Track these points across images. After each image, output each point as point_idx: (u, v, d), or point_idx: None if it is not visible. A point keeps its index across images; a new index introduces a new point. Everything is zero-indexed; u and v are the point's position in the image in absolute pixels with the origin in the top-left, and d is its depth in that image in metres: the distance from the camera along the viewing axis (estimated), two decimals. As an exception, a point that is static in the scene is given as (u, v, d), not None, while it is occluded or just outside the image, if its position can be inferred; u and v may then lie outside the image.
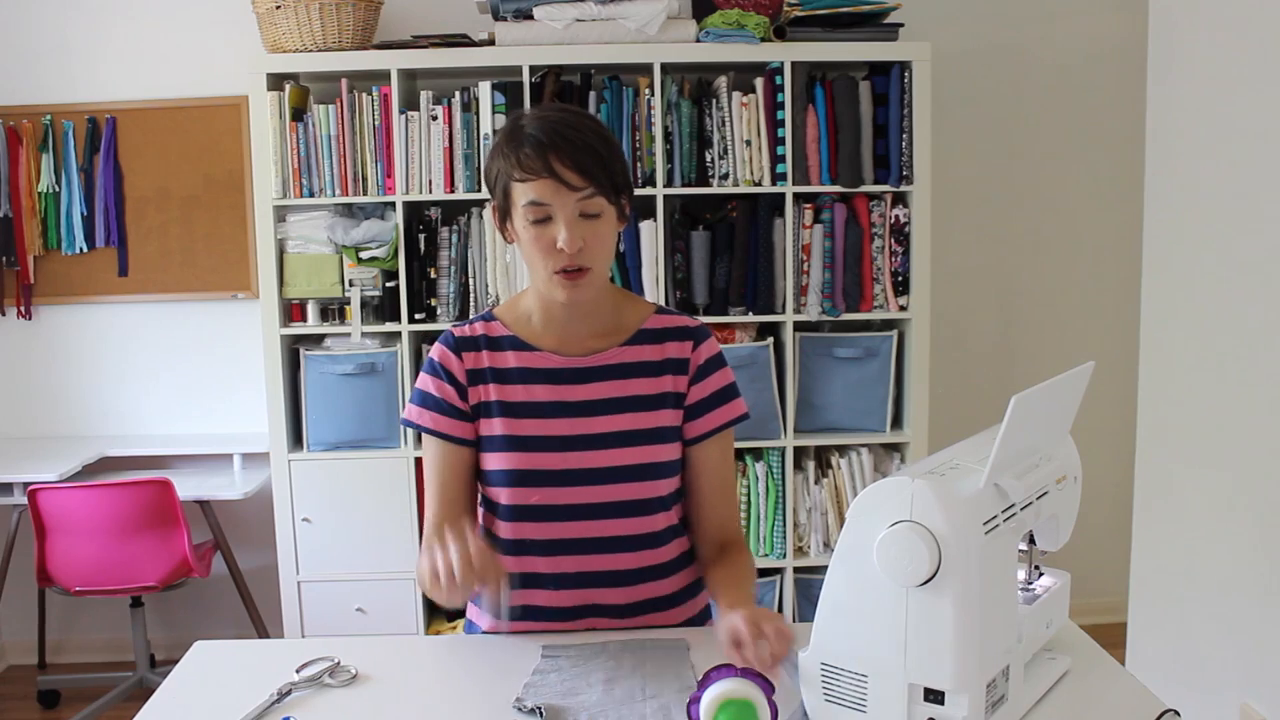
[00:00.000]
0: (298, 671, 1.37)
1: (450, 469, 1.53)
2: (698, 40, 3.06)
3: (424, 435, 1.55)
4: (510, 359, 1.53)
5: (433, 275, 3.13)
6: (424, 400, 1.54)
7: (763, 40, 3.04)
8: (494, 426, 1.51)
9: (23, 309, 3.52)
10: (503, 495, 1.52)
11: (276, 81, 3.07)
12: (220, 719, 1.26)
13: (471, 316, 1.64)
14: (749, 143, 3.07)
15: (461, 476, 1.54)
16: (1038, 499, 1.23)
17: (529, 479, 1.49)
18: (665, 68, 3.04)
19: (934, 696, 1.11)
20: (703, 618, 1.62)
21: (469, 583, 1.25)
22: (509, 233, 1.49)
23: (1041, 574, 1.38)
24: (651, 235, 3.06)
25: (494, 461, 1.51)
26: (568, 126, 1.42)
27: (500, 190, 1.47)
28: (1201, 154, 2.54)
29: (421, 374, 1.56)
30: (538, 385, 1.52)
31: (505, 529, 1.53)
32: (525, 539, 1.52)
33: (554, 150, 1.40)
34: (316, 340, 3.22)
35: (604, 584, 1.52)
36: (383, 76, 3.05)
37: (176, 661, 1.46)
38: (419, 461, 3.16)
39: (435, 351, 1.55)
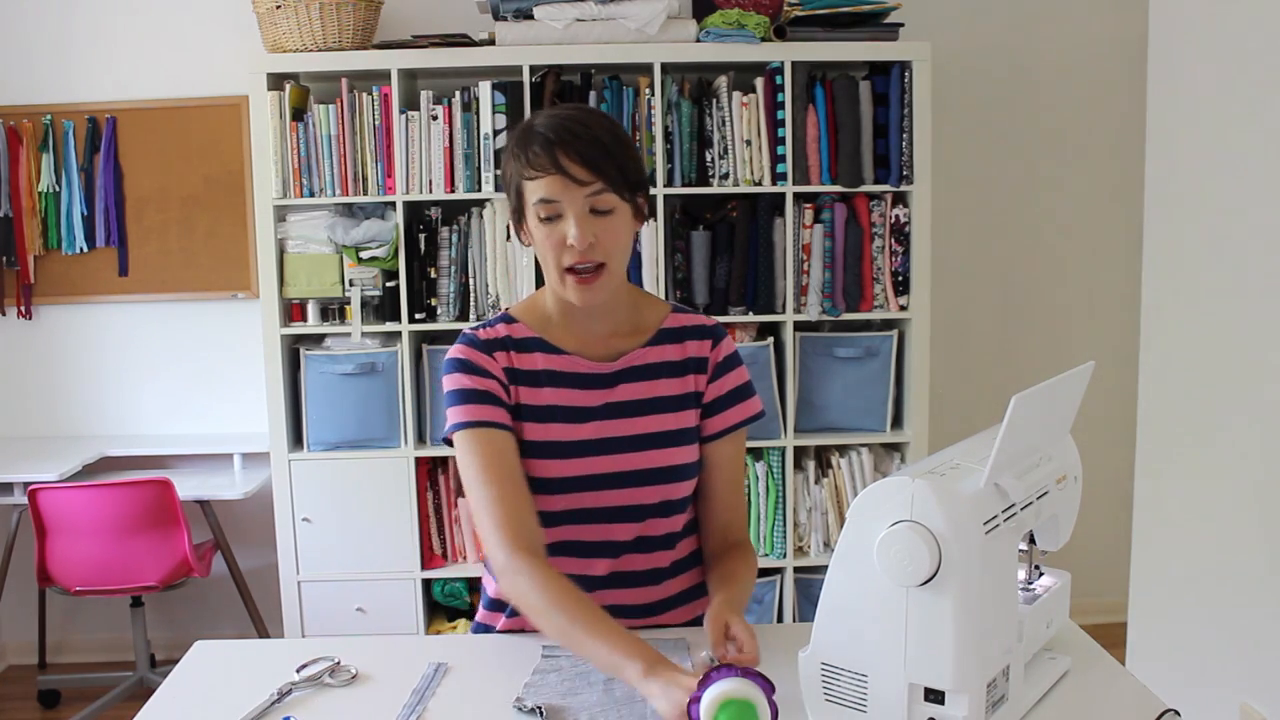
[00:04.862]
0: (298, 671, 1.37)
1: (514, 457, 1.43)
2: (698, 40, 3.06)
3: (475, 433, 1.43)
4: (538, 361, 1.51)
5: (433, 275, 3.13)
6: (468, 397, 1.45)
7: (763, 40, 3.04)
8: (522, 430, 1.48)
9: (23, 309, 3.52)
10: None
11: (277, 81, 3.07)
12: (220, 719, 1.26)
13: (486, 319, 1.57)
14: (749, 143, 3.07)
15: (520, 467, 1.45)
16: (1038, 499, 1.23)
17: (560, 485, 1.48)
18: (665, 68, 3.04)
19: (934, 696, 1.11)
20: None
21: None
22: (525, 235, 1.47)
23: (1041, 574, 1.38)
24: (651, 235, 3.06)
25: (525, 467, 1.48)
26: (576, 123, 1.41)
27: (514, 191, 1.46)
28: (1201, 154, 2.54)
29: (453, 375, 1.47)
30: (567, 389, 1.50)
31: None
32: (555, 541, 1.50)
33: (561, 146, 1.39)
34: (317, 340, 3.22)
35: (623, 585, 1.52)
36: (383, 76, 3.05)
37: (176, 661, 1.46)
38: (419, 461, 3.16)
39: (462, 352, 1.48)
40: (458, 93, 3.09)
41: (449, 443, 1.46)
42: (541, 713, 1.26)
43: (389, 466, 3.15)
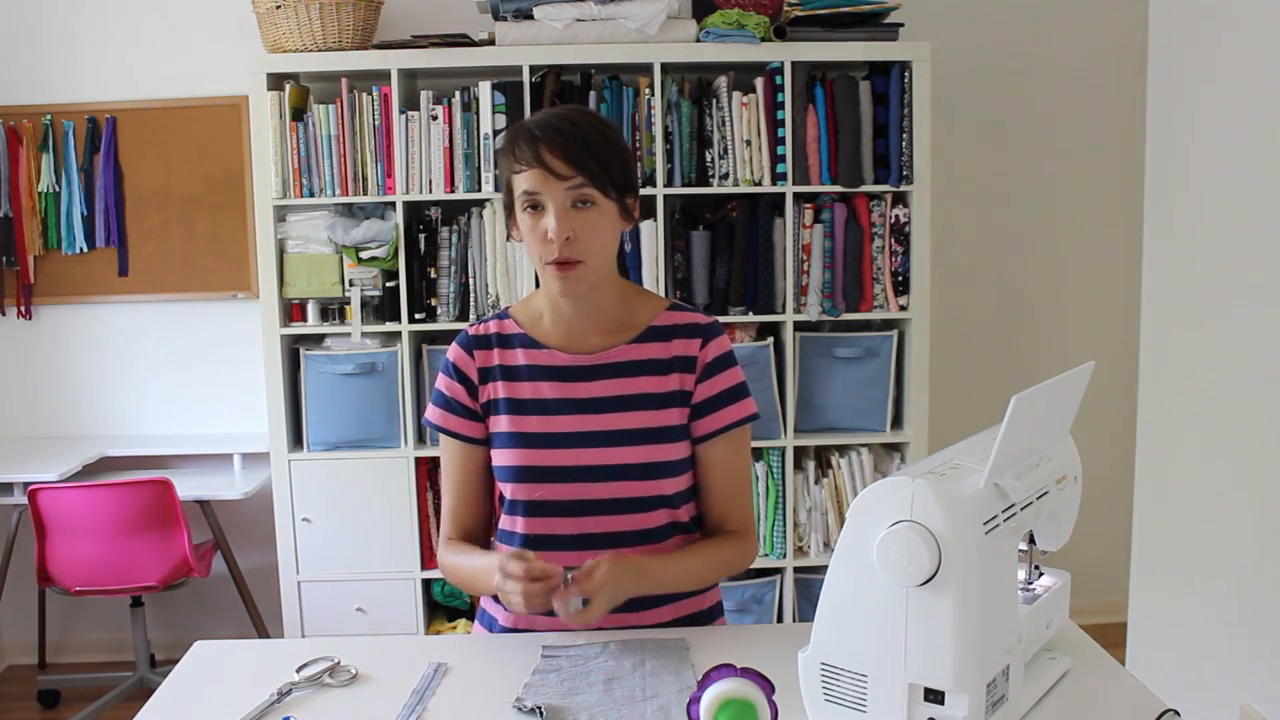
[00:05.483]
0: (298, 671, 1.37)
1: (463, 467, 1.58)
2: (698, 40, 3.06)
3: (444, 439, 1.59)
4: (519, 356, 1.56)
5: (433, 275, 3.13)
6: (438, 399, 1.59)
7: (763, 40, 3.04)
8: (501, 423, 1.54)
9: (23, 309, 3.52)
10: (508, 490, 1.55)
11: (276, 81, 3.07)
12: (220, 719, 1.26)
13: (484, 316, 1.69)
14: (749, 143, 3.07)
15: (474, 474, 1.59)
16: (1038, 499, 1.23)
17: (532, 475, 1.52)
18: (665, 68, 3.04)
19: (934, 696, 1.11)
20: (711, 614, 1.63)
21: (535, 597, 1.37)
22: (515, 230, 1.52)
23: (1041, 574, 1.38)
24: (651, 235, 3.06)
25: (500, 457, 1.55)
26: (564, 121, 1.46)
27: (505, 186, 1.51)
28: (1201, 154, 2.54)
29: (440, 376, 1.60)
30: (544, 382, 1.54)
31: (513, 523, 1.56)
32: (531, 534, 1.54)
33: (545, 141, 1.44)
34: (316, 340, 3.22)
35: None
36: (383, 76, 3.05)
37: (176, 661, 1.46)
38: (419, 461, 3.16)
39: (450, 351, 1.60)
40: (458, 93, 3.09)
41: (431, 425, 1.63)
42: (541, 713, 1.26)
43: (389, 466, 3.16)
